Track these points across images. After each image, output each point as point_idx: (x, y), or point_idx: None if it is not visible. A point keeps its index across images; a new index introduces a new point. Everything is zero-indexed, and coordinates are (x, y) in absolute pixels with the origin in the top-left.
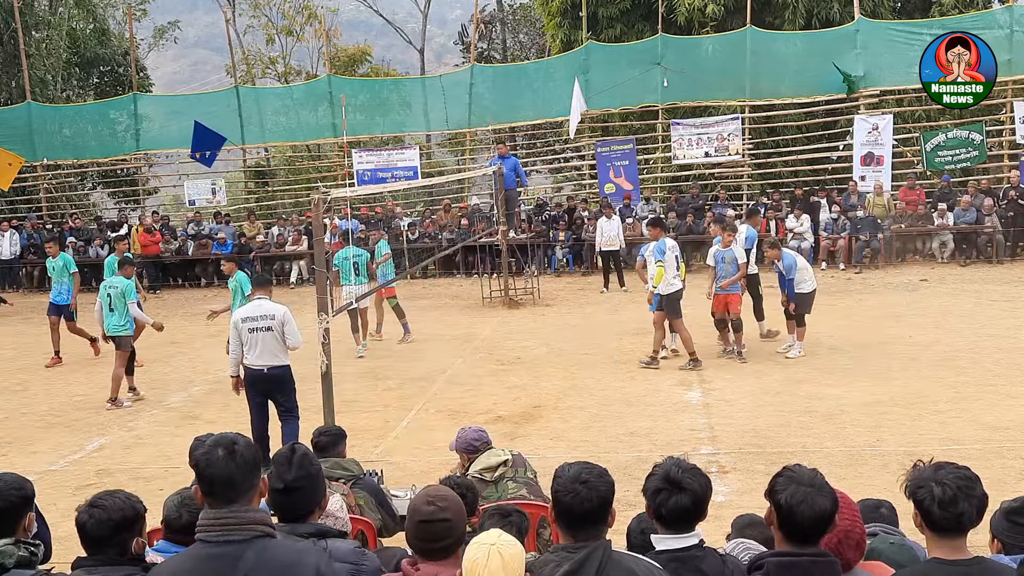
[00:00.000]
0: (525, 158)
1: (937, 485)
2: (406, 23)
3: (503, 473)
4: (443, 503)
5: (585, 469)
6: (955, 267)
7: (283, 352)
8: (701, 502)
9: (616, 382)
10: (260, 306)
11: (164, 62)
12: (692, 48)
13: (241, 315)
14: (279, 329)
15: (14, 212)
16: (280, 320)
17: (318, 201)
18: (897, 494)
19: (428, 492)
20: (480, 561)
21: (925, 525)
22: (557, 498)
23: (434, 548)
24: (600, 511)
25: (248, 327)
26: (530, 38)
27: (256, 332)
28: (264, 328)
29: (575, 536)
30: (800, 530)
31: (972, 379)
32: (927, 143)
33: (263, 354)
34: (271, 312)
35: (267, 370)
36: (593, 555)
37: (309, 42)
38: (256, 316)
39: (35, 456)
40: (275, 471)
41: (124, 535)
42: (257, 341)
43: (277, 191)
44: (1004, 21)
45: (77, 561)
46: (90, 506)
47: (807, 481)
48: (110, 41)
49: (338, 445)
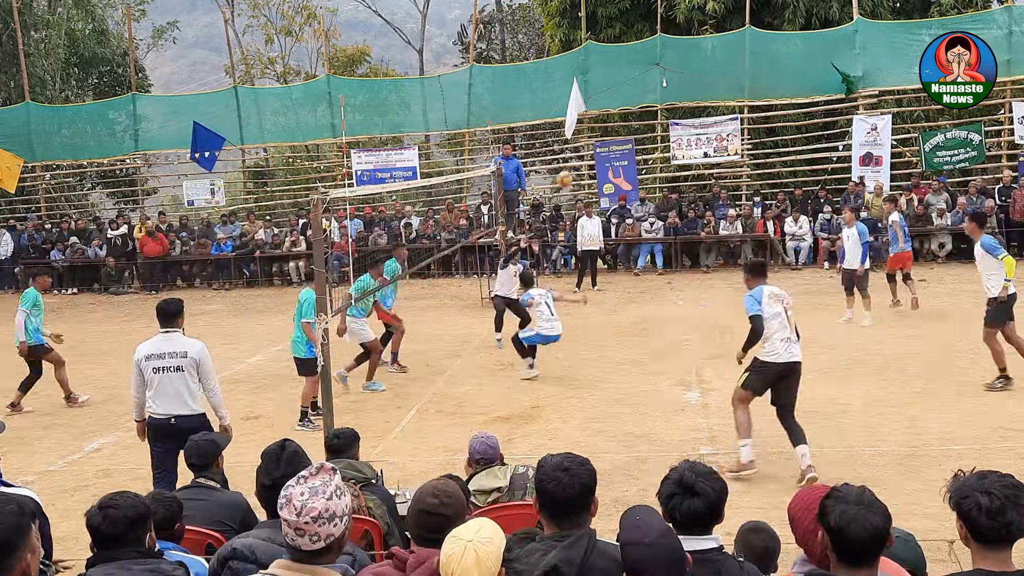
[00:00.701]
0: (524, 158)
1: (983, 495)
2: (405, 23)
3: (497, 499)
4: (447, 498)
5: (567, 458)
6: (954, 267)
7: (194, 398)
8: (715, 506)
9: (615, 382)
10: (170, 340)
11: (163, 62)
12: (691, 48)
13: (144, 351)
14: (192, 369)
15: (13, 212)
16: (194, 358)
17: (317, 201)
18: (897, 494)
19: (436, 485)
20: (455, 556)
21: (970, 536)
22: (541, 487)
23: (430, 538)
24: (583, 498)
25: (152, 366)
26: (529, 38)
27: (161, 372)
28: (173, 368)
29: (560, 524)
30: (853, 550)
31: (972, 379)
32: (926, 143)
33: (171, 400)
34: (183, 348)
35: (174, 420)
36: (579, 543)
37: (308, 42)
38: (163, 353)
39: (34, 456)
40: (263, 467)
41: (139, 531)
42: (163, 383)
43: (276, 191)
44: (1003, 21)
45: (93, 559)
46: (102, 507)
47: (855, 500)
48: (109, 41)
49: (352, 447)
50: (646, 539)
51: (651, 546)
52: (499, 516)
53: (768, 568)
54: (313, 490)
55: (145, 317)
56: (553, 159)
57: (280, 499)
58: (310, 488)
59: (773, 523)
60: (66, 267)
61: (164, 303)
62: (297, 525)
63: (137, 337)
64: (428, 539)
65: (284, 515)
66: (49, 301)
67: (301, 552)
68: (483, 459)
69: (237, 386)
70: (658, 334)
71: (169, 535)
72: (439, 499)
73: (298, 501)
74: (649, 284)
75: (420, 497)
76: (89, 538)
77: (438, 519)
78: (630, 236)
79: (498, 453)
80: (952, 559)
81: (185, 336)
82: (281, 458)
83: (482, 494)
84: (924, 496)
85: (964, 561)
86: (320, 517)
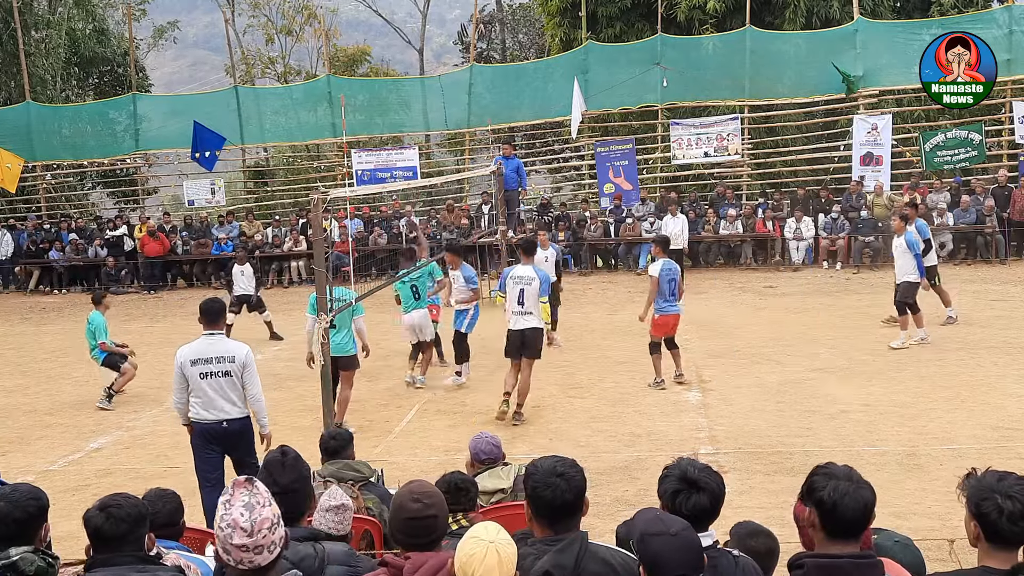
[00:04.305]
0: (525, 158)
1: (1005, 498)
2: (405, 23)
3: (501, 499)
4: (429, 500)
5: (559, 462)
6: (954, 267)
7: (243, 400)
8: (718, 500)
9: (615, 382)
10: (215, 344)
11: (163, 62)
12: (691, 48)
13: (189, 355)
14: (239, 373)
15: (13, 212)
16: (242, 362)
17: (317, 201)
18: (897, 494)
19: (412, 489)
20: (477, 556)
21: (985, 536)
22: (536, 493)
23: (421, 543)
24: (577, 502)
25: (199, 371)
26: (529, 38)
27: (209, 378)
28: (221, 373)
29: (554, 529)
30: (845, 526)
31: (971, 379)
32: (926, 143)
33: (221, 404)
34: (229, 352)
35: (226, 424)
36: (571, 547)
37: (308, 42)
38: (209, 358)
39: (34, 456)
40: (267, 475)
41: (139, 532)
42: (211, 389)
43: (276, 191)
44: (1003, 20)
45: (91, 562)
46: (103, 507)
47: (845, 476)
48: (109, 41)
49: (348, 448)
50: (671, 530)
51: (676, 536)
52: (502, 516)
53: (771, 569)
54: (249, 506)
55: (145, 317)
56: (553, 159)
57: (221, 533)
58: (244, 505)
59: (773, 523)
60: (66, 267)
61: (209, 302)
62: (256, 544)
63: (137, 337)
64: (419, 544)
65: (236, 542)
66: (49, 301)
67: (258, 572)
68: (486, 459)
69: None
70: None
71: (171, 533)
72: (421, 502)
73: (245, 522)
74: (647, 284)
75: (401, 504)
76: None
77: (426, 522)
78: (630, 236)
79: (501, 453)
80: (953, 559)
81: (229, 339)
82: (286, 464)
83: (485, 495)
84: (924, 496)
85: (964, 561)
86: (272, 524)
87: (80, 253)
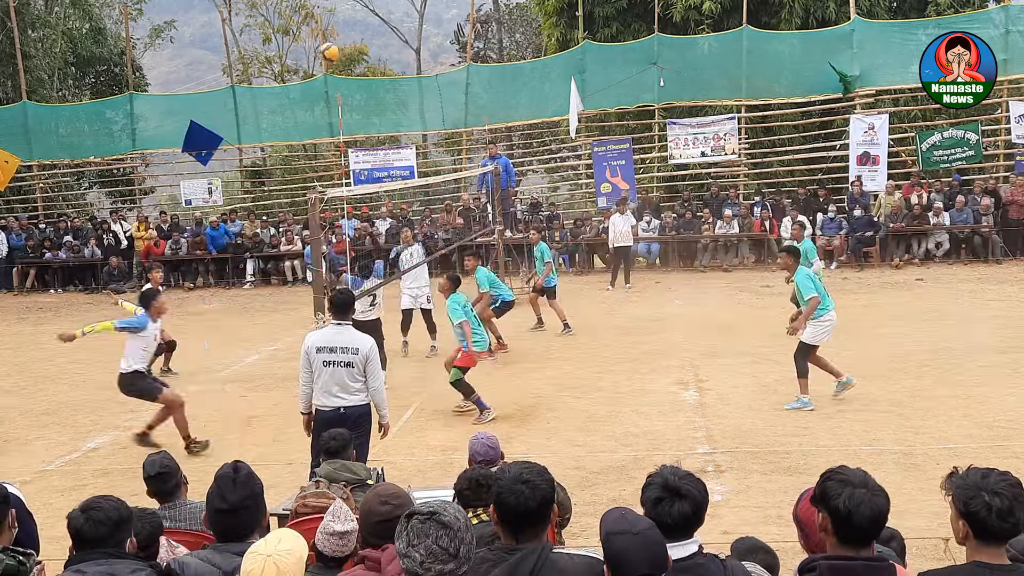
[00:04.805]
0: (521, 158)
1: (992, 495)
2: (402, 23)
3: None
4: (396, 501)
5: (526, 469)
6: (951, 266)
7: (360, 390)
8: (701, 508)
9: (612, 382)
10: (342, 333)
11: (160, 62)
12: (688, 47)
13: (316, 342)
14: (360, 365)
15: (11, 211)
16: (364, 355)
17: (315, 201)
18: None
19: (379, 492)
20: (255, 571)
21: (974, 534)
22: (500, 499)
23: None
24: (541, 510)
25: (324, 359)
26: (526, 37)
27: (332, 366)
28: (343, 363)
29: (516, 538)
30: (859, 533)
31: (968, 378)
32: (923, 143)
33: (338, 391)
34: (354, 344)
35: (343, 410)
36: (526, 560)
37: (305, 41)
38: (335, 347)
39: (32, 456)
40: (217, 491)
41: (121, 535)
42: (331, 376)
43: (273, 191)
44: (999, 20)
45: (72, 559)
46: (84, 509)
47: (860, 483)
48: (106, 41)
49: (347, 449)
50: (634, 529)
51: (639, 535)
52: None
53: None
54: None
55: None
56: (550, 159)
57: None
58: None
59: (770, 521)
60: (62, 266)
61: (338, 294)
62: None
63: None
64: None
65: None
66: (46, 300)
67: None
68: (484, 460)
69: (237, 386)
70: (655, 333)
71: (147, 555)
72: (390, 504)
73: None
74: (647, 284)
75: (370, 509)
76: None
77: (396, 523)
78: None
79: (499, 453)
80: (948, 557)
81: (355, 331)
82: (237, 480)
83: None
84: (921, 495)
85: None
86: None
87: (76, 253)
